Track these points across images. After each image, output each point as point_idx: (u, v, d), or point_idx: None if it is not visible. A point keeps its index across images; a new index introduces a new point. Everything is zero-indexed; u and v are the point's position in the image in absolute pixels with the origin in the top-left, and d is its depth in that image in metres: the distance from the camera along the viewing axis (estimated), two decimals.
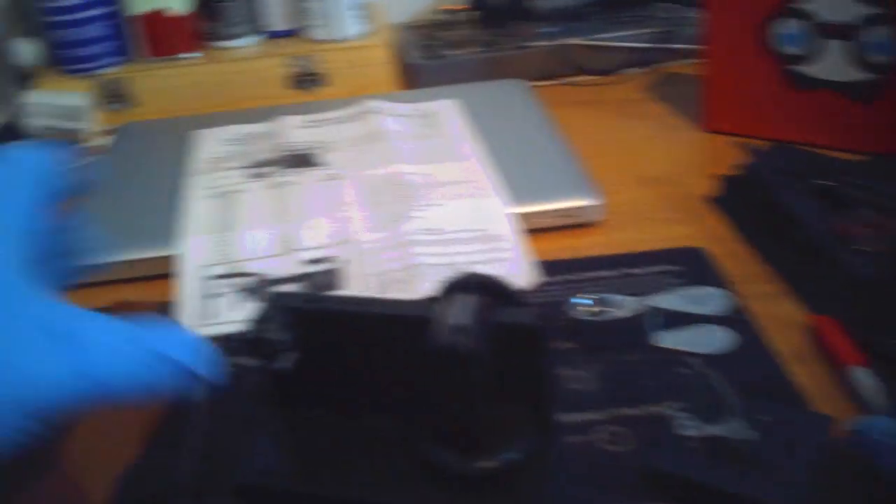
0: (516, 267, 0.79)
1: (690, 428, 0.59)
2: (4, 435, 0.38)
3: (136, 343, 0.41)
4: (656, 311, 0.71)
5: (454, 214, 0.85)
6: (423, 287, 0.76)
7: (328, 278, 0.80)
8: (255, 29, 1.23)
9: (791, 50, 0.95)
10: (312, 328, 0.51)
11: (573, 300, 0.72)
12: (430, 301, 0.52)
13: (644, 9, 1.25)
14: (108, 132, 1.13)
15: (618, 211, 0.88)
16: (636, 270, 0.79)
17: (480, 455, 0.52)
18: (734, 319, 0.71)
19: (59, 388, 0.39)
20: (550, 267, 0.80)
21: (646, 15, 1.25)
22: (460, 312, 0.49)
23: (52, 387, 0.39)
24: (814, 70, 0.94)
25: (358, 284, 0.78)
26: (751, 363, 0.67)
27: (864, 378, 0.64)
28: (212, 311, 0.77)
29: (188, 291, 0.79)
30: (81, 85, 1.17)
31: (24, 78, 1.19)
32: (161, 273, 0.83)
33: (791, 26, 0.94)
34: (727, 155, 0.97)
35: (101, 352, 0.40)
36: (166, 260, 0.83)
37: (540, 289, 0.77)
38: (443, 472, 0.52)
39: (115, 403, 0.41)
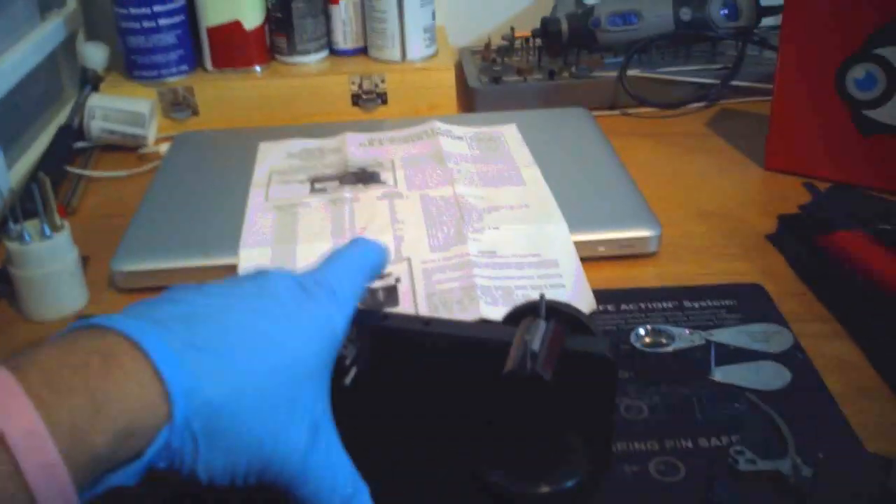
0: (573, 294, 0.79)
1: (746, 463, 0.59)
2: None
3: None
4: (713, 346, 0.71)
5: (512, 238, 0.86)
6: (478, 310, 0.76)
7: (385, 295, 0.80)
8: (322, 46, 1.24)
9: (863, 95, 0.94)
10: (383, 345, 0.51)
11: (636, 331, 0.72)
12: (502, 325, 0.52)
13: (709, 45, 1.25)
14: (167, 139, 1.15)
15: (674, 243, 0.88)
16: (693, 304, 0.78)
17: (540, 480, 0.52)
18: (790, 357, 0.71)
19: None
20: (606, 296, 0.80)
21: (710, 51, 1.25)
22: (533, 338, 0.49)
23: None
24: (883, 115, 0.93)
25: (412, 303, 0.79)
26: (807, 401, 0.66)
27: None
28: None
29: None
30: (146, 91, 1.19)
31: (89, 81, 1.21)
32: None
33: (866, 71, 0.93)
34: (787, 193, 0.97)
35: None
36: (225, 270, 0.84)
37: (596, 317, 0.77)
38: (501, 496, 0.52)
39: None
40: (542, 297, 0.52)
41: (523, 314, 0.52)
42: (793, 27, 0.97)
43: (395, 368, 0.52)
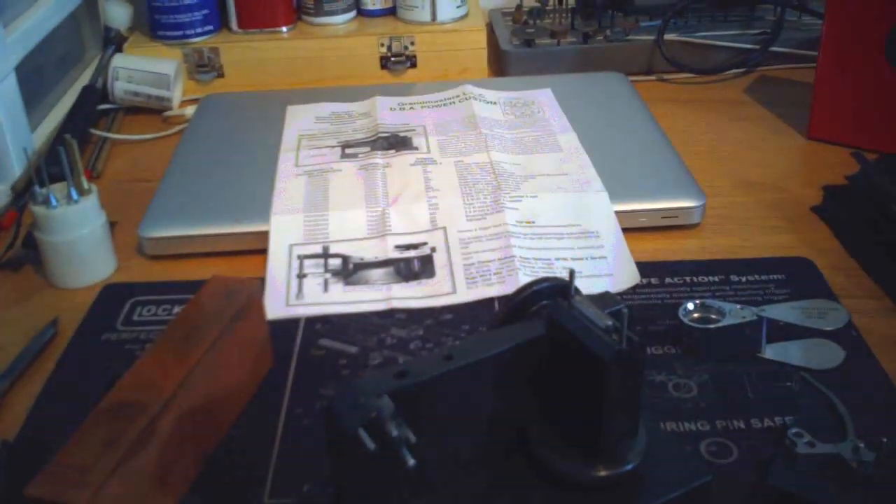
0: (614, 266, 0.77)
1: (805, 446, 0.57)
2: None
3: None
4: (765, 322, 0.68)
5: (551, 207, 0.83)
6: (516, 281, 0.74)
7: (420, 266, 0.78)
8: (350, 6, 1.21)
9: None
10: (412, 401, 0.48)
11: (684, 306, 0.69)
12: (521, 323, 0.51)
13: (748, 9, 1.22)
14: (192, 102, 1.12)
15: (717, 214, 0.86)
16: (740, 278, 0.76)
17: (599, 464, 0.50)
18: (844, 334, 0.68)
19: None
20: (650, 269, 0.77)
21: (749, 15, 1.22)
22: (594, 316, 0.47)
23: None
24: None
25: (448, 274, 0.77)
26: (862, 381, 0.64)
27: None
28: (300, 291, 0.75)
29: (277, 270, 0.78)
30: (170, 52, 1.16)
31: (112, 41, 1.19)
32: (250, 249, 0.82)
33: None
34: (831, 163, 0.94)
35: None
36: (255, 236, 0.82)
37: (640, 291, 0.75)
38: (560, 481, 0.50)
39: None
40: (571, 272, 0.50)
41: (532, 298, 0.51)
42: None
43: (435, 408, 0.49)
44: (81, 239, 0.77)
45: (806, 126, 1.01)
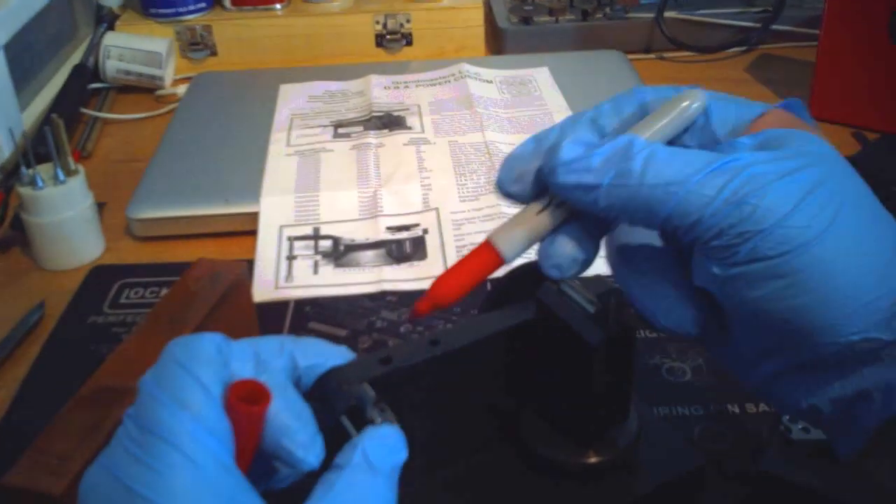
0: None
1: (799, 432, 0.55)
2: None
3: None
4: None
5: None
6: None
7: (412, 247, 0.77)
8: None
9: None
10: (396, 389, 0.46)
11: None
12: (515, 305, 0.49)
13: None
14: (185, 80, 1.11)
15: None
16: None
17: (589, 450, 0.49)
18: None
19: None
20: None
21: None
22: (584, 300, 0.46)
23: None
24: None
25: (441, 255, 0.75)
26: None
27: None
28: (290, 273, 0.74)
29: (266, 251, 0.77)
30: (162, 30, 1.15)
31: (104, 19, 1.17)
32: (240, 230, 0.81)
33: None
34: (833, 144, 0.92)
35: None
36: (245, 217, 0.81)
37: None
38: (549, 468, 0.49)
39: None
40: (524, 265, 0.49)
41: (522, 281, 0.50)
42: None
43: (421, 394, 0.48)
44: (68, 220, 0.76)
45: (807, 105, 0.99)
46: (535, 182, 0.40)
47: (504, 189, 0.41)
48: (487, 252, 0.41)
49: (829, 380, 0.38)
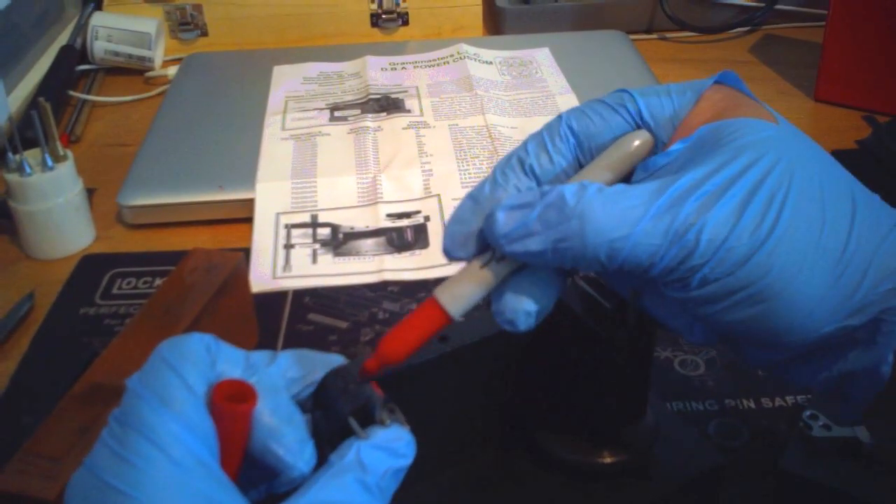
0: None
1: (820, 429, 0.54)
2: None
3: None
4: None
5: None
6: None
7: (414, 235, 0.74)
8: None
9: None
10: (403, 385, 0.44)
11: None
12: None
13: None
14: (175, 62, 1.08)
15: None
16: None
17: (604, 450, 0.47)
18: None
19: None
20: None
21: None
22: (599, 294, 0.44)
23: None
24: None
25: (441, 244, 0.73)
26: None
27: None
28: (287, 262, 0.72)
29: (263, 240, 0.75)
30: (152, 10, 1.12)
31: None
32: (234, 218, 0.79)
33: None
34: (838, 126, 0.91)
35: None
36: (240, 204, 0.78)
37: None
38: (563, 469, 0.47)
39: None
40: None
41: None
42: None
43: (430, 392, 0.46)
44: (57, 207, 0.74)
45: (813, 87, 0.97)
46: (479, 242, 0.38)
47: (452, 256, 0.39)
48: (433, 309, 0.39)
49: (825, 365, 0.39)
